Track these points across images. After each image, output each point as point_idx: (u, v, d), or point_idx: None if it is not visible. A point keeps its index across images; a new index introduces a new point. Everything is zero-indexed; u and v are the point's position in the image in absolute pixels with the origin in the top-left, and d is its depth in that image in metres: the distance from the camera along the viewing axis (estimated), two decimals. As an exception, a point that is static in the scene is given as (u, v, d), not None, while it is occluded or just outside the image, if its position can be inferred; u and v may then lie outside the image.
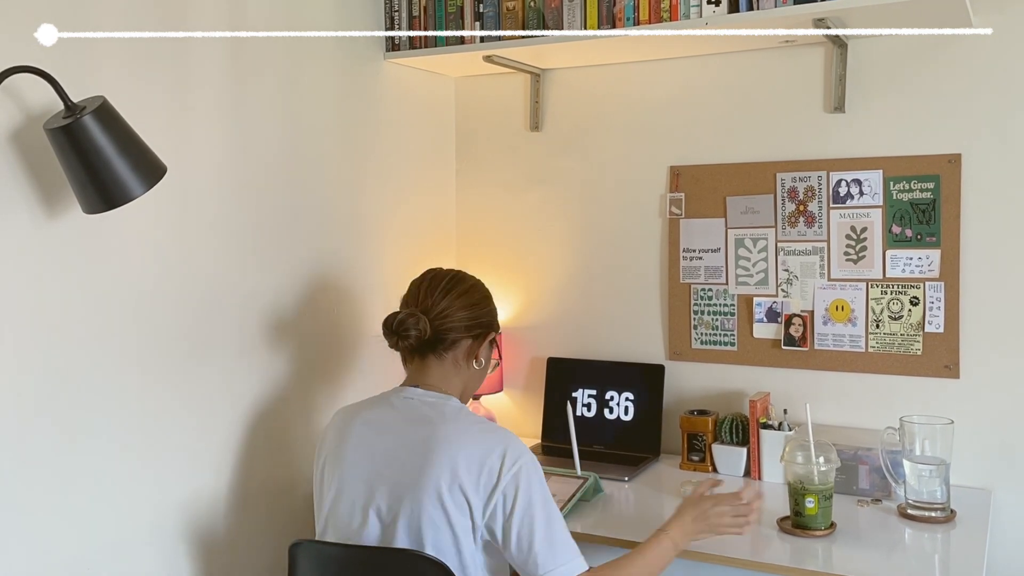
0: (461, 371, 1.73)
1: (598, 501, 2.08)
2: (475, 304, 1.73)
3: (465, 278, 1.77)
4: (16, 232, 1.52)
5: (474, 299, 1.74)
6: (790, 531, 1.83)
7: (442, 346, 1.70)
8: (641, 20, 2.12)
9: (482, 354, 1.76)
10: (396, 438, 1.61)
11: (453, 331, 1.70)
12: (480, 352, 1.75)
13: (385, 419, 1.65)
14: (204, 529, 1.89)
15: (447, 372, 1.72)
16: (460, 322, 1.70)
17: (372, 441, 1.63)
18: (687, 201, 2.45)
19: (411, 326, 1.65)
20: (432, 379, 1.71)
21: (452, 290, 1.72)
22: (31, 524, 1.55)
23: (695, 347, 2.45)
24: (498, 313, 1.81)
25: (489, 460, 1.53)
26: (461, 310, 1.70)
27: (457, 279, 1.76)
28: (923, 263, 2.18)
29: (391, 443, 1.61)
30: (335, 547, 1.55)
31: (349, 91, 2.31)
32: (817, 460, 1.83)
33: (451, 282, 1.74)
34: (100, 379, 1.67)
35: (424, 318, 1.67)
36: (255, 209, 2.01)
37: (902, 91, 2.19)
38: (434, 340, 1.69)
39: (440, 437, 1.57)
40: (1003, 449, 2.11)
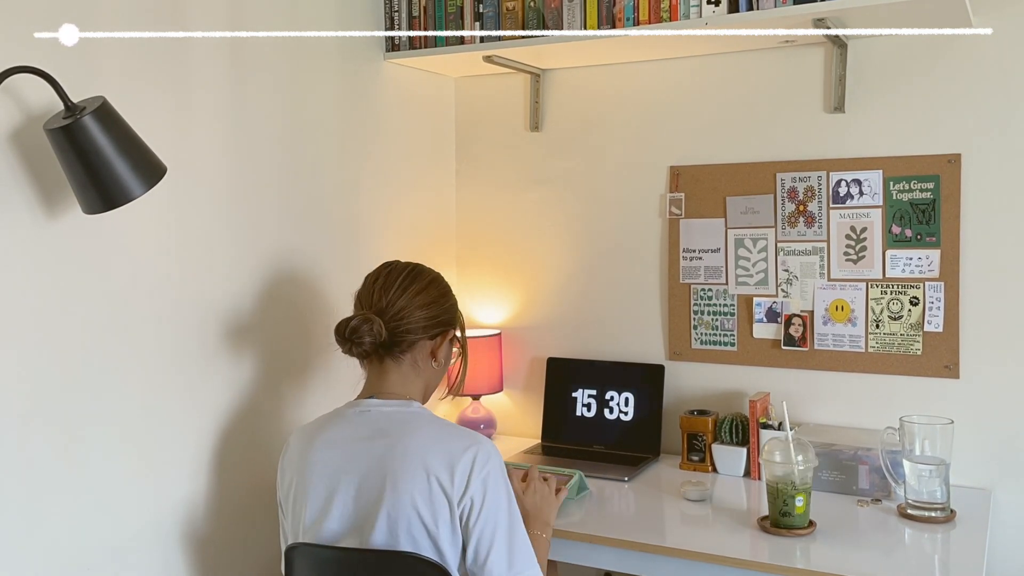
0: (421, 372, 1.66)
1: (584, 499, 2.08)
2: (433, 302, 1.65)
3: (422, 273, 1.69)
4: (16, 232, 1.52)
5: (432, 296, 1.66)
6: (774, 531, 1.83)
7: (399, 348, 1.63)
8: (641, 20, 2.13)
9: (441, 353, 1.68)
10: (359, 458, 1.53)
11: (411, 332, 1.62)
12: (439, 352, 1.68)
13: (343, 440, 1.57)
14: (201, 531, 1.89)
15: (406, 374, 1.65)
16: (418, 323, 1.62)
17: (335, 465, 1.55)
18: (687, 201, 2.45)
19: (365, 332, 1.57)
20: (391, 384, 1.63)
21: (409, 288, 1.64)
22: (27, 526, 1.55)
23: (695, 347, 2.45)
24: (458, 309, 1.73)
25: (460, 463, 1.48)
26: (419, 309, 1.63)
27: (414, 275, 1.67)
28: (923, 263, 2.18)
29: (355, 464, 1.53)
30: (332, 550, 1.54)
31: (349, 91, 2.31)
32: (797, 458, 1.82)
33: (407, 278, 1.65)
34: (99, 380, 1.67)
35: (378, 321, 1.59)
36: (255, 208, 2.01)
37: (902, 91, 2.19)
38: (390, 343, 1.61)
39: (406, 449, 1.50)
40: (1003, 449, 2.11)
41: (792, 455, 1.82)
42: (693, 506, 2.02)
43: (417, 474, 1.48)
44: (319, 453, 1.57)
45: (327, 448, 1.57)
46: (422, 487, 1.47)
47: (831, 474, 2.10)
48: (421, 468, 1.48)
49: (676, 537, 1.83)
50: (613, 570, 1.91)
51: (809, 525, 1.84)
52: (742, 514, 1.97)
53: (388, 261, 1.72)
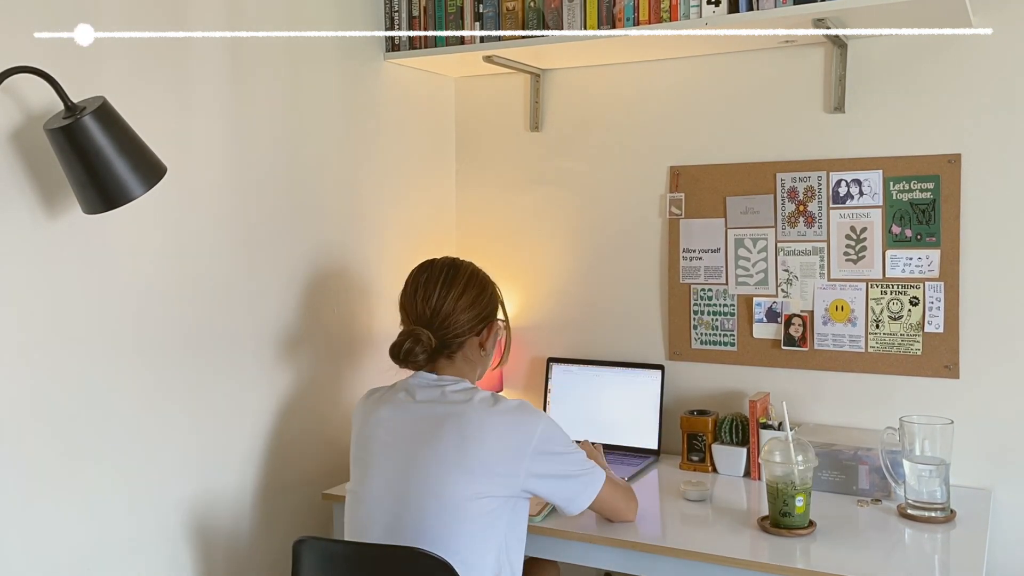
0: (472, 363, 1.76)
1: None
2: (474, 301, 1.73)
3: (459, 271, 1.75)
4: (16, 232, 1.52)
5: (472, 296, 1.73)
6: (775, 531, 1.83)
7: (449, 349, 1.72)
8: (641, 20, 2.13)
9: (489, 343, 1.78)
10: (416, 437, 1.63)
11: (459, 336, 1.71)
12: (487, 342, 1.77)
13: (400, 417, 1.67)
14: (208, 527, 1.89)
15: (459, 368, 1.74)
16: (464, 325, 1.71)
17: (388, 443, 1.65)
18: (687, 201, 2.45)
19: (418, 351, 1.66)
20: (446, 375, 1.73)
21: (450, 292, 1.71)
22: (35, 522, 1.56)
23: (695, 347, 2.45)
24: (499, 294, 1.81)
25: (513, 440, 1.60)
26: (463, 312, 1.71)
27: (453, 276, 1.73)
28: (923, 263, 2.18)
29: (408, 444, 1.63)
30: (339, 544, 1.56)
31: (349, 91, 2.31)
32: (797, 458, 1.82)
33: (447, 283, 1.72)
34: (101, 379, 1.67)
35: (426, 333, 1.67)
36: (255, 209, 2.01)
37: (902, 91, 2.19)
38: (441, 347, 1.70)
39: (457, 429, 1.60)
40: (1003, 449, 2.11)
41: (792, 455, 1.82)
42: (693, 506, 2.02)
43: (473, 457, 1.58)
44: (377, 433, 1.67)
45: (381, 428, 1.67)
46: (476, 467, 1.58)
47: (831, 474, 2.10)
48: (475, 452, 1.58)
49: (676, 537, 1.83)
50: (613, 570, 1.91)
51: (809, 525, 1.84)
52: (742, 514, 1.97)
53: (425, 262, 1.78)
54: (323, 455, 2.23)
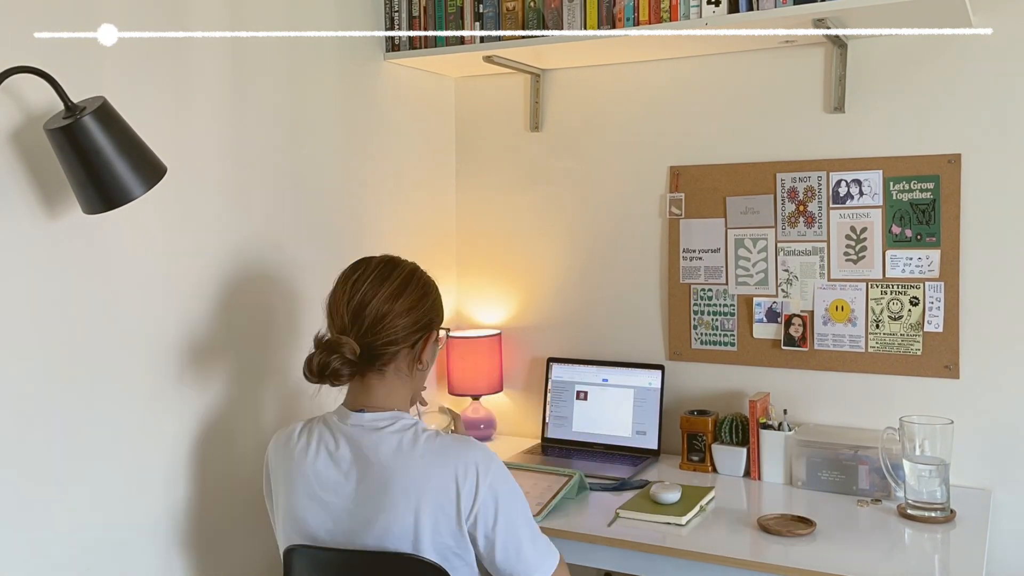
0: (405, 380, 1.54)
1: (584, 499, 2.08)
2: (411, 307, 1.51)
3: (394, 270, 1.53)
4: (16, 232, 1.52)
5: (409, 300, 1.51)
6: (776, 532, 1.83)
7: (379, 361, 1.50)
8: (641, 20, 2.12)
9: (427, 355, 1.56)
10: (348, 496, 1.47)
11: (391, 344, 1.49)
12: (424, 355, 1.55)
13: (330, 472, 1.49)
14: (200, 533, 1.89)
15: (391, 385, 1.53)
16: (400, 331, 1.49)
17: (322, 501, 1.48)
18: (687, 201, 2.45)
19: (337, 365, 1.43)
20: (377, 399, 1.52)
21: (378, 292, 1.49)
22: (27, 525, 1.55)
23: (695, 347, 2.45)
24: (440, 301, 1.59)
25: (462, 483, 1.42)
26: (397, 318, 1.49)
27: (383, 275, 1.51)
28: (923, 263, 2.18)
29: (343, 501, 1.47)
30: (330, 551, 1.54)
31: (349, 91, 2.31)
32: None
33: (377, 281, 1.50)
34: (98, 379, 1.67)
35: (350, 343, 1.44)
36: (255, 209, 2.01)
37: (902, 91, 2.19)
38: (369, 356, 1.48)
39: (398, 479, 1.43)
40: (1003, 449, 2.11)
41: None
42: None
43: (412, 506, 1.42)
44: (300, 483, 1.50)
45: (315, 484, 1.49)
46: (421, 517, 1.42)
47: (831, 474, 2.10)
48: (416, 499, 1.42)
49: (676, 537, 1.83)
50: (613, 570, 1.91)
51: (810, 525, 1.84)
52: (742, 514, 1.97)
53: (360, 259, 1.57)
54: (323, 455, 2.23)
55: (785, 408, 2.28)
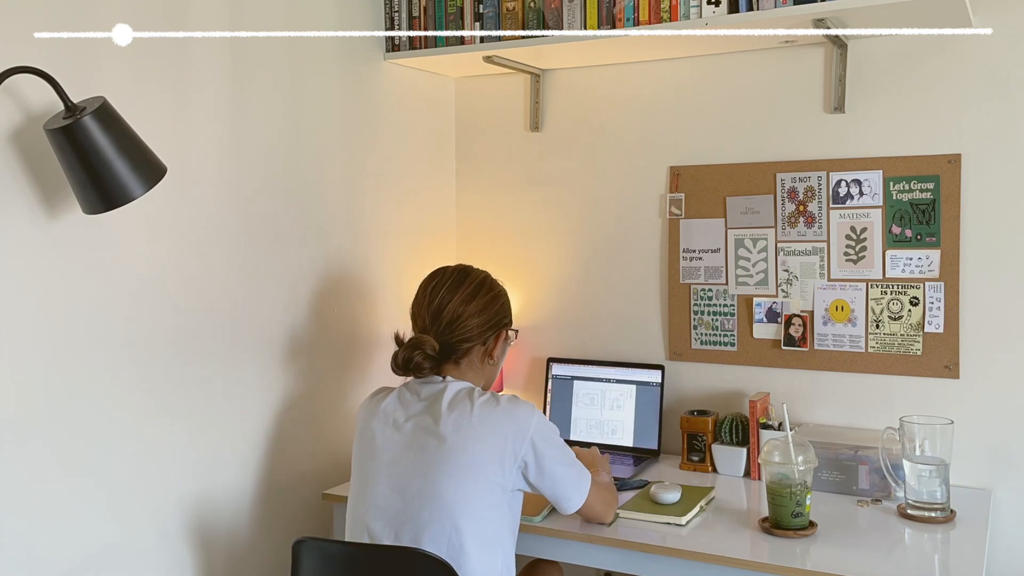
0: (478, 371, 1.76)
1: None
2: (484, 307, 1.74)
3: (469, 277, 1.76)
4: (16, 232, 1.52)
5: (482, 302, 1.74)
6: (777, 532, 1.82)
7: (455, 354, 1.72)
8: (641, 20, 2.13)
9: (497, 352, 1.78)
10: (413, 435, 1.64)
11: (465, 341, 1.71)
12: (495, 352, 1.77)
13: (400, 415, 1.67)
14: (208, 528, 1.89)
15: (465, 375, 1.74)
16: (471, 331, 1.71)
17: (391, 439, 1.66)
18: (687, 201, 2.45)
19: (418, 359, 1.66)
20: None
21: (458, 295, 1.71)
22: (34, 523, 1.56)
23: (695, 347, 2.45)
24: (509, 303, 1.83)
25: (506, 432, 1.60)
26: (471, 318, 1.71)
27: (460, 280, 1.74)
28: (923, 263, 2.18)
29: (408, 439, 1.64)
30: (338, 544, 1.56)
31: (349, 91, 2.31)
32: (797, 459, 1.82)
33: (455, 287, 1.73)
34: (101, 379, 1.67)
35: (429, 340, 1.67)
36: (255, 209, 2.01)
37: (902, 91, 2.19)
38: (446, 352, 1.71)
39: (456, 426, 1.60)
40: (1003, 449, 2.11)
41: (792, 456, 1.82)
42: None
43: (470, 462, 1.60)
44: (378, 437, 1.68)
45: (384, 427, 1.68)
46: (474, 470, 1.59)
47: (831, 474, 2.10)
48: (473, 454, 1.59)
49: (676, 537, 1.83)
50: (613, 570, 1.91)
51: (809, 525, 1.84)
52: (742, 514, 1.97)
53: (437, 270, 1.79)
54: (323, 456, 2.23)
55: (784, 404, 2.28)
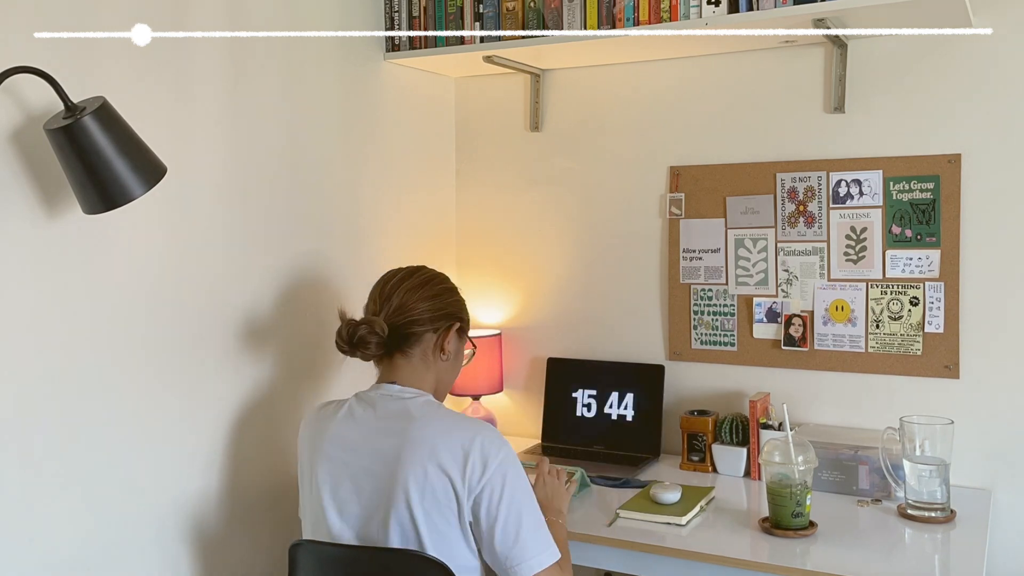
0: (431, 366, 1.69)
1: (585, 496, 2.08)
2: (434, 296, 1.69)
3: (422, 271, 1.74)
4: (16, 232, 1.52)
5: (433, 291, 1.70)
6: (777, 532, 1.82)
7: (406, 343, 1.66)
8: (641, 20, 2.12)
9: (449, 346, 1.70)
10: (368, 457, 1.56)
11: (414, 324, 1.66)
12: (446, 344, 1.70)
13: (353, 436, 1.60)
14: (204, 529, 1.89)
15: (416, 369, 1.68)
16: (420, 315, 1.66)
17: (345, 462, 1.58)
18: (687, 201, 2.45)
19: (366, 334, 1.61)
20: (403, 378, 1.66)
21: (406, 283, 1.69)
22: (30, 524, 1.55)
23: (695, 347, 2.45)
24: (465, 305, 1.78)
25: (472, 453, 1.50)
26: (420, 302, 1.67)
27: (412, 272, 1.73)
28: (923, 263, 2.18)
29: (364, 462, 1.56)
30: (335, 547, 1.55)
31: (349, 91, 2.31)
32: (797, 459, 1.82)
33: (407, 276, 1.71)
34: (99, 379, 1.67)
35: (378, 320, 1.63)
36: (255, 209, 2.01)
37: (902, 91, 2.19)
38: (396, 338, 1.65)
39: (413, 439, 1.52)
40: (1003, 449, 2.11)
41: (792, 456, 1.82)
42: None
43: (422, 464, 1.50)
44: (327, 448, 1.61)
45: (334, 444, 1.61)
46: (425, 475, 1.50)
47: (831, 474, 2.10)
48: (428, 457, 1.50)
49: (676, 537, 1.83)
50: (613, 570, 1.91)
51: (810, 525, 1.84)
52: (742, 514, 1.97)
53: (390, 269, 1.76)
54: (323, 455, 2.23)
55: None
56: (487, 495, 1.49)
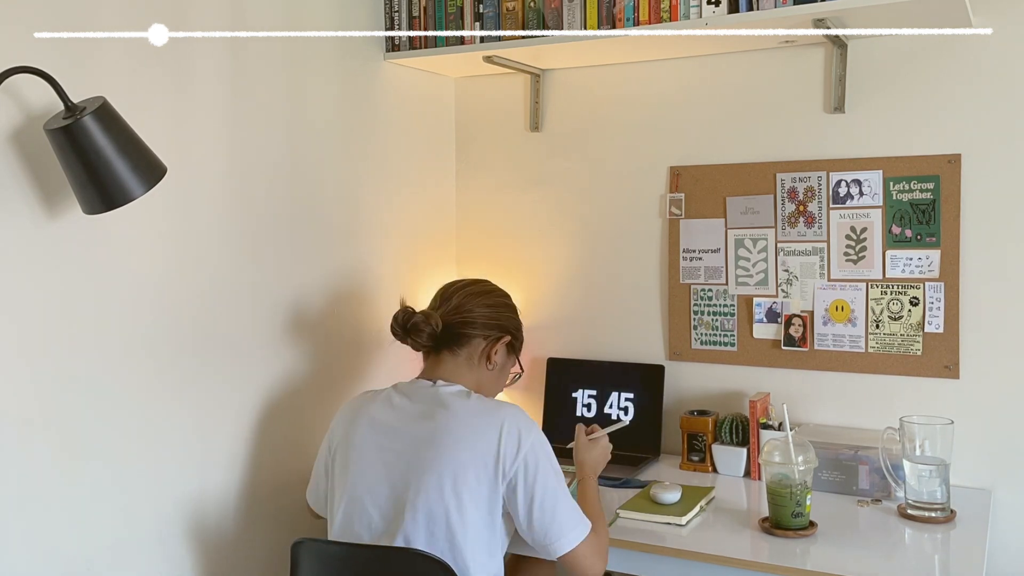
0: (474, 369, 1.76)
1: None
2: (492, 306, 1.78)
3: (486, 283, 1.84)
4: (16, 232, 1.52)
5: (491, 301, 1.79)
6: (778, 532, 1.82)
7: (456, 343, 1.74)
8: (641, 20, 2.12)
9: (496, 356, 1.77)
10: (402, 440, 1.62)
11: (467, 326, 1.73)
12: (494, 354, 1.77)
13: (389, 419, 1.67)
14: (207, 528, 1.89)
15: (460, 368, 1.75)
16: (474, 319, 1.74)
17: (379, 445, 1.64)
18: (687, 201, 2.45)
19: (420, 322, 1.70)
20: (444, 372, 1.74)
21: (467, 288, 1.78)
22: (34, 523, 1.55)
23: (695, 347, 2.45)
24: (521, 325, 1.86)
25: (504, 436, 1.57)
26: (477, 308, 1.75)
27: (476, 281, 1.83)
28: (923, 263, 2.18)
29: (397, 445, 1.62)
30: (337, 546, 1.56)
31: (349, 91, 2.31)
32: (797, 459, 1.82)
33: (470, 283, 1.81)
34: (101, 379, 1.67)
35: (435, 315, 1.71)
36: (255, 209, 2.01)
37: (902, 91, 2.19)
38: (447, 336, 1.73)
39: (446, 426, 1.60)
40: (1003, 449, 2.11)
41: (792, 456, 1.82)
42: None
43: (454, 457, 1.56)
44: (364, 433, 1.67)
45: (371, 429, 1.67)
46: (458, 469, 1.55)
47: (831, 474, 2.10)
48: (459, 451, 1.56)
49: (676, 537, 1.83)
50: (613, 570, 1.91)
51: (810, 525, 1.84)
52: (742, 514, 1.97)
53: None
54: (323, 455, 2.23)
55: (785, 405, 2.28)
56: (522, 476, 1.57)
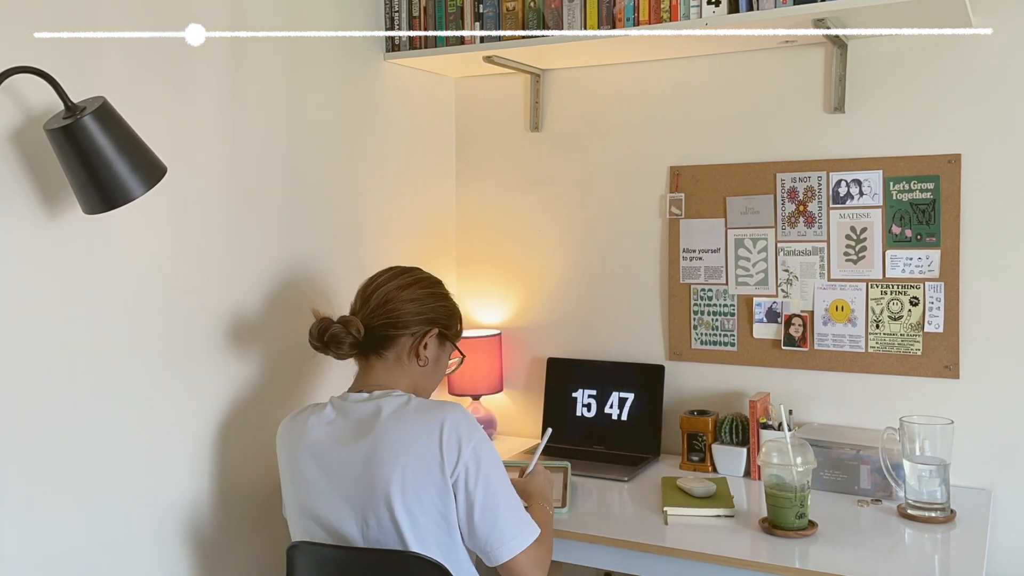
0: (406, 369, 1.66)
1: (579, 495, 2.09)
2: (415, 299, 1.65)
3: (411, 272, 1.70)
4: (16, 232, 1.52)
5: (414, 295, 1.66)
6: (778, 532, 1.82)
7: (381, 345, 1.64)
8: (641, 20, 2.12)
9: (426, 351, 1.66)
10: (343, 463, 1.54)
11: (389, 327, 1.62)
12: (423, 349, 1.66)
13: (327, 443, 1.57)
14: (202, 530, 1.89)
15: (391, 371, 1.65)
16: (397, 318, 1.63)
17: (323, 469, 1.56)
18: (687, 201, 2.45)
19: (339, 332, 1.59)
20: (376, 379, 1.65)
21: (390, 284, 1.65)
22: (28, 524, 1.55)
23: (695, 347, 2.45)
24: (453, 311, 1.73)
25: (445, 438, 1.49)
26: (400, 304, 1.63)
27: (400, 273, 1.69)
28: (923, 263, 2.18)
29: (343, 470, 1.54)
30: (333, 549, 1.55)
31: (349, 91, 2.31)
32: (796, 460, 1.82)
33: (393, 277, 1.67)
34: (99, 379, 1.67)
35: (355, 320, 1.61)
36: (255, 209, 2.01)
37: (902, 91, 2.19)
38: (372, 340, 1.63)
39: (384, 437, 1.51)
40: (1003, 449, 2.11)
41: (791, 457, 1.82)
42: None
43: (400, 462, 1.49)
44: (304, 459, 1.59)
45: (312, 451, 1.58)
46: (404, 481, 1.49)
47: (832, 474, 2.10)
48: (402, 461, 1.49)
49: (676, 537, 1.83)
50: (613, 570, 1.91)
51: (810, 525, 1.84)
52: (742, 514, 1.97)
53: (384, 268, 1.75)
54: (323, 455, 2.23)
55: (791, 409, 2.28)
56: (463, 478, 1.49)
